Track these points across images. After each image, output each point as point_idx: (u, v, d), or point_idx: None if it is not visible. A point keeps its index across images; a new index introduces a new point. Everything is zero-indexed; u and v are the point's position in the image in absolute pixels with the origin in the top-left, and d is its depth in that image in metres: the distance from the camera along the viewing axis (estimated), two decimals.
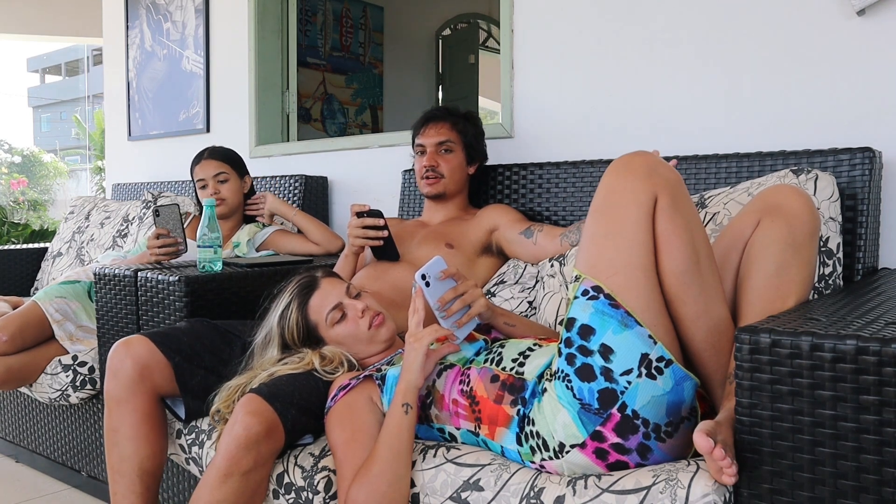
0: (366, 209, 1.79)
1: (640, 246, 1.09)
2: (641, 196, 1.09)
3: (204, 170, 2.31)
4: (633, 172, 1.10)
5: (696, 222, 1.12)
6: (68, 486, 2.31)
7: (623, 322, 1.07)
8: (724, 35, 1.82)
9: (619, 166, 1.12)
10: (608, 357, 1.07)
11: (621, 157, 1.14)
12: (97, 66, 23.43)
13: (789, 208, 1.16)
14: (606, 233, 1.11)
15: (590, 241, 1.14)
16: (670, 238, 1.09)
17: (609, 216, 1.11)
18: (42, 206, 9.46)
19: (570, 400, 1.09)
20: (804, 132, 1.71)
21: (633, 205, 1.09)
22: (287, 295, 1.49)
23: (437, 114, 2.00)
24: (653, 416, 1.06)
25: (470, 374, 1.27)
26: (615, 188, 1.11)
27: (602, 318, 1.08)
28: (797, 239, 1.15)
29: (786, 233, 1.15)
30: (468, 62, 5.40)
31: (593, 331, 1.08)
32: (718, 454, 0.93)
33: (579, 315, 1.10)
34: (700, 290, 1.11)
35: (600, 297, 1.09)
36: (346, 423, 1.27)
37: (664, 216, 1.09)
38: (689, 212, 1.11)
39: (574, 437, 1.09)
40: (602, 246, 1.11)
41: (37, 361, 2.12)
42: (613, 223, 1.11)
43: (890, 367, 0.84)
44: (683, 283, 1.09)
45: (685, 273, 1.09)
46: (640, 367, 1.06)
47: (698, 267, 1.10)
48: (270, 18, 3.08)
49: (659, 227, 1.09)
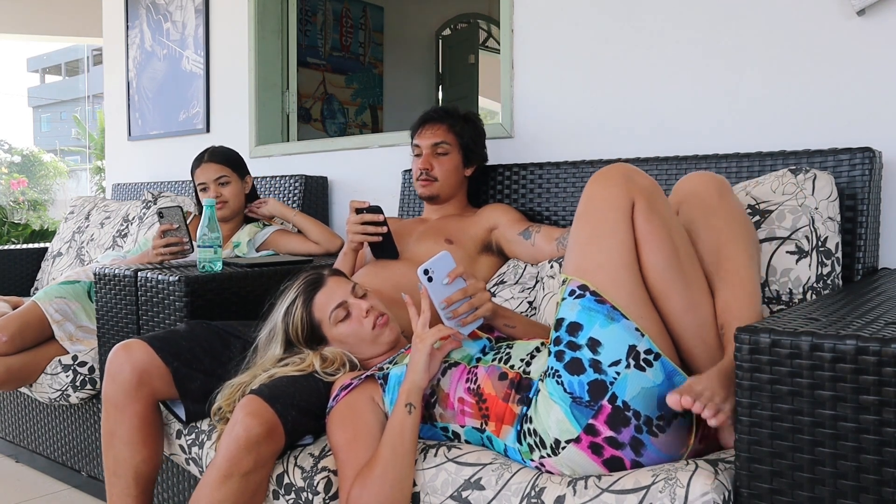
0: (365, 205, 1.79)
1: (622, 245, 1.16)
2: (619, 201, 1.16)
3: (205, 173, 2.30)
4: (611, 180, 1.18)
5: (673, 222, 1.20)
6: (68, 486, 2.31)
7: (609, 316, 1.12)
8: (724, 35, 1.82)
9: (598, 177, 1.21)
10: (596, 349, 1.11)
11: (600, 169, 1.22)
12: (97, 66, 23.43)
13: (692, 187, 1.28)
14: (589, 236, 1.18)
15: (574, 245, 1.21)
16: (650, 236, 1.16)
17: (591, 221, 1.19)
18: (42, 206, 9.46)
19: (562, 395, 1.11)
20: (804, 132, 1.71)
21: (612, 209, 1.16)
22: (293, 291, 1.49)
23: (434, 115, 1.99)
24: (643, 407, 1.08)
25: (477, 373, 1.27)
26: (595, 195, 1.19)
27: (589, 313, 1.13)
28: (710, 203, 1.25)
29: (699, 206, 1.25)
30: (468, 62, 5.40)
31: (581, 326, 1.13)
32: (686, 402, 0.99)
33: (567, 314, 1.15)
34: (684, 285, 1.17)
35: (586, 295, 1.14)
36: (348, 424, 1.27)
37: (641, 217, 1.16)
38: (665, 213, 1.19)
39: (568, 431, 1.10)
40: (586, 248, 1.18)
41: (37, 361, 2.12)
42: (595, 227, 1.18)
43: (890, 367, 0.85)
44: (666, 278, 1.16)
45: (667, 269, 1.16)
46: (629, 359, 1.10)
47: (679, 262, 1.17)
48: (270, 18, 3.08)
49: (638, 227, 1.16)
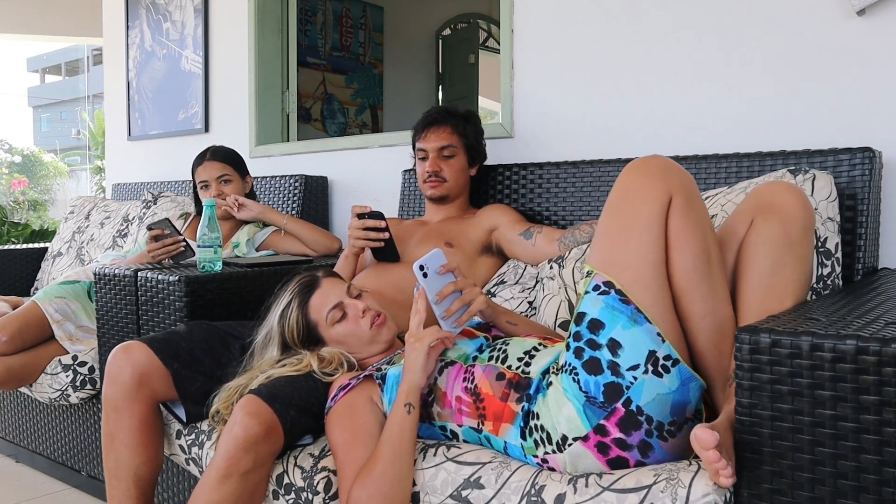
0: (367, 210, 1.80)
1: (653, 243, 1.10)
2: (656, 195, 1.11)
3: (207, 171, 2.30)
4: (649, 172, 1.13)
5: (708, 223, 1.15)
6: (68, 486, 2.31)
7: (633, 318, 1.08)
8: (724, 35, 1.82)
9: (635, 167, 1.15)
10: (616, 352, 1.08)
11: (638, 159, 1.16)
12: (97, 65, 23.44)
13: (782, 205, 1.18)
14: (620, 229, 1.13)
15: (603, 237, 1.16)
16: (683, 235, 1.11)
17: (624, 213, 1.13)
18: (42, 206, 9.47)
19: (576, 393, 1.10)
20: (804, 132, 1.71)
21: (648, 203, 1.11)
22: (288, 294, 1.49)
23: (437, 117, 1.98)
24: (657, 413, 1.07)
25: (474, 372, 1.27)
26: (631, 187, 1.14)
27: (612, 313, 1.09)
28: (791, 236, 1.16)
29: (779, 230, 1.16)
30: (468, 62, 5.40)
31: (603, 325, 1.09)
32: (713, 456, 0.92)
33: (589, 310, 1.12)
34: (709, 289, 1.12)
35: (611, 293, 1.10)
36: (347, 424, 1.27)
37: (678, 214, 1.11)
38: (702, 212, 1.14)
39: (577, 429, 1.09)
40: (615, 242, 1.13)
41: (37, 361, 2.12)
42: (627, 220, 1.13)
43: (890, 367, 0.84)
44: (693, 280, 1.11)
45: (695, 270, 1.11)
46: (647, 364, 1.07)
47: (709, 266, 1.12)
48: (270, 18, 3.08)
49: (672, 224, 1.11)
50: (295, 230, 2.29)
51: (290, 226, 2.29)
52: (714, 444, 0.92)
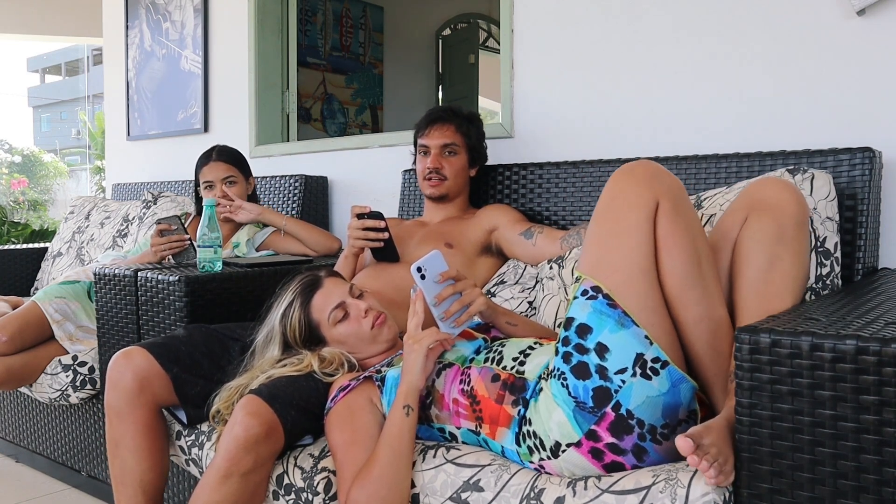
0: (366, 211, 1.80)
1: (641, 248, 1.10)
2: (643, 200, 1.11)
3: (213, 171, 2.29)
4: (636, 178, 1.13)
5: (697, 227, 1.14)
6: (68, 486, 2.31)
7: (620, 322, 1.08)
8: (724, 35, 1.82)
9: (621, 173, 1.15)
10: (604, 355, 1.08)
11: (625, 165, 1.16)
12: (97, 65, 23.43)
13: (775, 201, 1.18)
14: (608, 235, 1.13)
15: (591, 243, 1.16)
16: (672, 239, 1.10)
17: (611, 219, 1.14)
18: (42, 206, 9.47)
19: (566, 398, 1.10)
20: (804, 132, 1.70)
21: (635, 208, 1.11)
22: (290, 293, 1.49)
23: (442, 115, 1.99)
24: (648, 416, 1.06)
25: (470, 374, 1.26)
26: (618, 193, 1.14)
27: (599, 317, 1.09)
28: (785, 231, 1.16)
29: (773, 226, 1.16)
30: (468, 62, 5.40)
31: (590, 329, 1.09)
32: (693, 461, 0.93)
33: (577, 314, 1.12)
34: (702, 293, 1.12)
35: (599, 297, 1.10)
36: (346, 425, 1.27)
37: (665, 219, 1.10)
38: (690, 216, 1.13)
39: (569, 435, 1.09)
40: (603, 248, 1.14)
41: (37, 361, 2.12)
42: (615, 226, 1.13)
43: (890, 367, 0.84)
44: (684, 285, 1.11)
45: (687, 276, 1.11)
46: (635, 367, 1.06)
47: (700, 270, 1.12)
48: (270, 18, 3.08)
49: (660, 230, 1.11)
50: (294, 230, 2.29)
51: (290, 226, 2.29)
52: (690, 451, 0.93)
